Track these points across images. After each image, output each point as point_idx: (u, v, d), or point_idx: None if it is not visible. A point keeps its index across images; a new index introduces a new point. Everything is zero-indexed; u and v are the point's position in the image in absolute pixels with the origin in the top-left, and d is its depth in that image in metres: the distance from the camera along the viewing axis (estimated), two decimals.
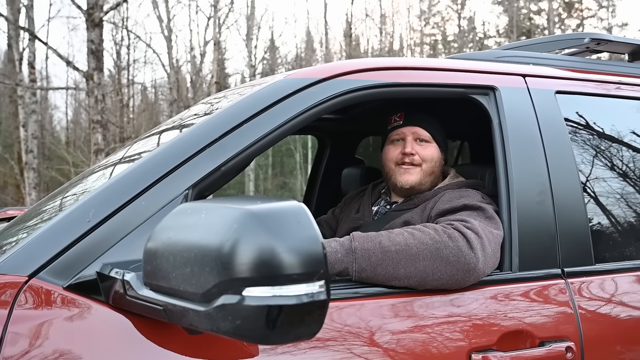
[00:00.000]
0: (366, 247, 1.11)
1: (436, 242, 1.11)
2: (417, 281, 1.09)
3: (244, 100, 1.15)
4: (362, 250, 1.11)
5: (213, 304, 0.71)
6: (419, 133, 1.51)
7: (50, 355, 0.84)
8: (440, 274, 1.09)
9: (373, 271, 1.09)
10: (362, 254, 1.10)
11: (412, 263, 1.09)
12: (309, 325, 0.72)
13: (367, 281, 1.11)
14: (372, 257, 1.10)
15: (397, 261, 1.09)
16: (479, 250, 1.12)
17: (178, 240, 0.77)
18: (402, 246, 1.10)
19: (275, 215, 0.72)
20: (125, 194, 0.99)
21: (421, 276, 1.09)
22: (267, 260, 0.69)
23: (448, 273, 1.09)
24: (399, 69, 1.28)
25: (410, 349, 1.04)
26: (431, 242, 1.11)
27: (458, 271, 1.09)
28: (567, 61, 1.59)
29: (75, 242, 0.93)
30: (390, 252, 1.10)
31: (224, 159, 1.06)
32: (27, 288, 0.88)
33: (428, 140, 1.51)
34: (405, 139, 1.51)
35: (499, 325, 1.12)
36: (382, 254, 1.10)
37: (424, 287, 1.10)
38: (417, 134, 1.51)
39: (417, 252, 1.10)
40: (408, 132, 1.51)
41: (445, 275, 1.09)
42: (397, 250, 1.10)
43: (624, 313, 1.26)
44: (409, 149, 1.49)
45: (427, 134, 1.51)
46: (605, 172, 1.42)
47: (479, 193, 1.38)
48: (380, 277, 1.10)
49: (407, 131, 1.51)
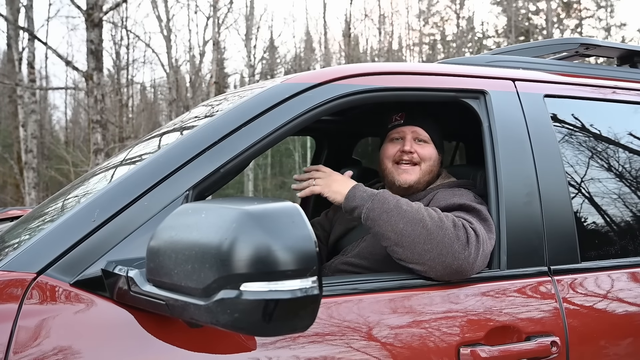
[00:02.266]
0: (386, 196, 1.26)
1: (442, 222, 1.20)
2: (408, 242, 1.18)
3: (242, 105, 1.19)
4: (382, 197, 1.26)
5: (213, 299, 0.76)
6: (418, 133, 1.55)
7: (58, 349, 0.88)
8: (430, 247, 1.16)
9: (379, 215, 1.23)
10: (380, 199, 1.25)
11: (412, 225, 1.19)
12: (303, 319, 0.77)
13: (370, 224, 1.24)
14: (384, 204, 1.24)
15: (401, 216, 1.21)
16: (474, 249, 1.17)
17: (179, 239, 0.82)
18: (413, 209, 1.23)
19: (271, 215, 0.77)
20: (129, 194, 1.03)
21: (413, 239, 1.17)
22: (264, 257, 0.74)
23: (437, 251, 1.15)
24: (392, 74, 1.33)
25: (400, 343, 1.08)
26: (438, 220, 1.20)
27: (447, 254, 1.15)
28: (556, 65, 1.63)
29: (81, 240, 0.98)
30: (400, 208, 1.23)
31: (223, 161, 1.10)
32: (36, 284, 0.93)
33: (426, 141, 1.55)
34: (405, 137, 1.54)
35: (487, 320, 1.17)
36: (395, 206, 1.23)
37: (410, 252, 1.17)
38: (416, 134, 1.55)
39: (422, 219, 1.19)
40: (408, 131, 1.55)
41: (434, 252, 1.15)
42: (407, 210, 1.22)
43: (608, 309, 1.30)
44: (409, 147, 1.53)
45: (426, 135, 1.55)
46: (591, 173, 1.47)
47: (471, 193, 1.42)
48: (382, 222, 1.22)
49: (407, 130, 1.55)
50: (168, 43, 16.10)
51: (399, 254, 1.20)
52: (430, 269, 1.16)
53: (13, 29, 12.15)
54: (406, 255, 1.18)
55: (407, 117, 1.56)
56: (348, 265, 1.45)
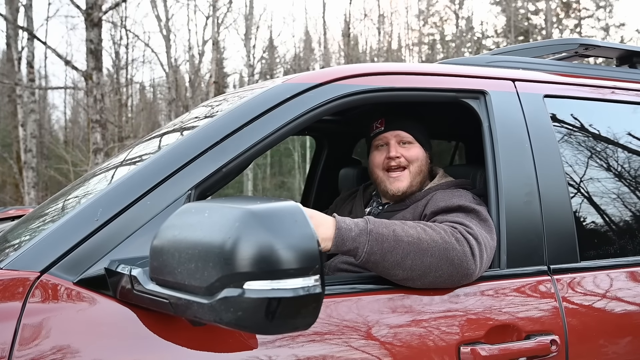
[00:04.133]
0: (381, 232, 1.13)
1: (445, 243, 1.14)
2: (419, 275, 1.12)
3: (243, 105, 1.20)
4: (377, 234, 1.12)
5: (216, 297, 0.76)
6: (401, 136, 1.55)
7: (61, 347, 0.88)
8: (442, 272, 1.13)
9: (382, 256, 1.11)
10: (376, 238, 1.12)
11: (420, 257, 1.12)
12: (305, 317, 0.77)
13: (371, 265, 1.13)
14: (384, 243, 1.12)
15: (407, 252, 1.12)
16: (479, 258, 1.17)
17: (183, 238, 0.82)
18: (414, 239, 1.13)
19: (274, 214, 0.78)
20: (132, 194, 1.04)
21: (424, 271, 1.12)
22: (267, 256, 0.74)
23: (448, 273, 1.14)
24: (392, 74, 1.33)
25: (401, 342, 1.09)
26: (441, 241, 1.14)
27: (457, 273, 1.14)
28: (556, 66, 1.64)
29: (84, 239, 0.98)
30: (402, 242, 1.12)
31: (225, 160, 1.11)
32: (39, 283, 0.93)
33: (411, 142, 1.55)
34: (389, 143, 1.55)
35: (487, 319, 1.17)
36: (394, 242, 1.12)
37: (421, 282, 1.14)
38: (399, 137, 1.55)
39: (427, 248, 1.13)
40: (390, 136, 1.55)
41: (445, 274, 1.14)
42: (409, 242, 1.12)
43: (607, 308, 1.31)
44: (394, 152, 1.53)
45: (409, 136, 1.55)
46: (591, 173, 1.47)
47: (469, 193, 1.42)
48: (387, 264, 1.11)
49: (389, 136, 1.55)
50: (167, 43, 16.10)
51: (410, 284, 1.14)
52: (441, 286, 1.17)
53: (12, 29, 12.14)
54: (417, 284, 1.15)
55: (387, 122, 1.56)
56: (348, 264, 1.45)
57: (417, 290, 1.16)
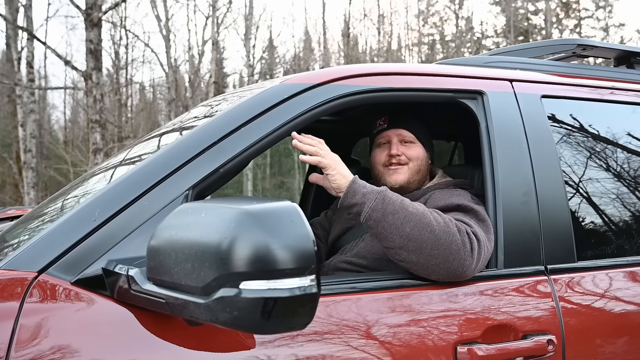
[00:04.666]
0: (389, 195, 1.19)
1: (448, 227, 1.17)
2: (414, 247, 1.14)
3: (242, 105, 1.20)
4: (385, 196, 1.19)
5: (212, 297, 0.77)
6: (403, 135, 1.57)
7: (59, 347, 0.89)
8: (437, 253, 1.14)
9: (383, 216, 1.16)
10: (384, 198, 1.18)
11: (419, 229, 1.15)
12: (301, 316, 0.78)
13: (372, 223, 1.17)
14: (389, 205, 1.17)
15: (408, 219, 1.16)
16: (476, 254, 1.18)
17: (179, 238, 0.83)
18: (418, 212, 1.18)
19: (270, 214, 0.78)
20: (129, 194, 1.04)
21: (420, 245, 1.14)
22: (263, 256, 0.75)
23: (443, 257, 1.15)
24: (390, 75, 1.34)
25: (398, 342, 1.09)
26: (444, 225, 1.17)
27: (453, 261, 1.15)
28: (554, 66, 1.65)
29: (82, 239, 0.98)
30: (406, 210, 1.17)
31: (222, 161, 1.11)
32: (37, 283, 0.93)
33: (412, 141, 1.57)
34: (391, 141, 1.57)
35: (484, 319, 1.18)
36: (400, 207, 1.17)
37: (416, 257, 1.15)
38: (401, 136, 1.57)
39: (429, 224, 1.16)
40: (393, 134, 1.57)
41: (440, 258, 1.14)
42: (413, 212, 1.17)
43: (604, 308, 1.31)
44: (395, 150, 1.54)
45: (411, 135, 1.57)
46: (588, 173, 1.48)
47: (468, 193, 1.43)
48: (386, 225, 1.16)
49: (391, 134, 1.57)
50: (167, 43, 16.09)
51: (402, 257, 1.17)
52: (432, 273, 1.17)
53: (12, 29, 12.14)
54: (410, 259, 1.16)
55: (391, 120, 1.58)
56: (347, 264, 1.46)
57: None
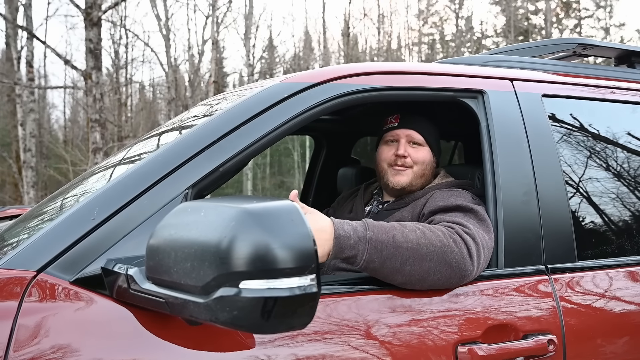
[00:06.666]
0: (380, 239, 1.10)
1: (444, 246, 1.14)
2: (418, 279, 1.12)
3: (241, 104, 1.19)
4: (376, 242, 1.10)
5: (212, 296, 0.76)
6: (412, 136, 1.56)
7: (58, 346, 0.88)
8: (440, 276, 1.13)
9: (381, 264, 1.10)
10: (376, 246, 1.10)
11: (419, 263, 1.11)
12: (301, 316, 0.77)
13: (370, 271, 1.12)
14: (384, 251, 1.10)
15: (405, 258, 1.10)
16: (476, 258, 1.17)
17: (179, 237, 0.82)
18: (413, 244, 1.12)
19: (270, 213, 0.78)
20: (128, 193, 1.03)
21: (423, 276, 1.12)
22: (263, 255, 0.74)
23: (446, 276, 1.14)
24: (390, 74, 1.33)
25: (399, 342, 1.09)
26: (439, 244, 1.13)
27: (455, 275, 1.14)
28: (554, 65, 1.64)
29: (81, 239, 0.98)
30: (401, 249, 1.10)
31: (222, 160, 1.10)
32: (36, 282, 0.93)
33: (421, 144, 1.56)
34: (399, 141, 1.56)
35: (485, 319, 1.17)
36: (394, 248, 1.10)
37: (420, 285, 1.14)
38: (410, 137, 1.56)
39: (426, 253, 1.12)
40: (402, 134, 1.56)
41: (444, 278, 1.14)
42: (408, 248, 1.11)
43: (605, 308, 1.31)
44: (402, 151, 1.54)
45: (421, 138, 1.56)
46: (589, 173, 1.47)
47: (468, 193, 1.43)
48: (386, 271, 1.10)
49: (401, 133, 1.56)
50: (167, 42, 16.08)
51: (407, 287, 1.14)
52: (440, 287, 1.16)
53: (12, 28, 12.13)
54: (415, 288, 1.14)
55: (402, 119, 1.57)
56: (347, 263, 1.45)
57: (414, 291, 1.16)
